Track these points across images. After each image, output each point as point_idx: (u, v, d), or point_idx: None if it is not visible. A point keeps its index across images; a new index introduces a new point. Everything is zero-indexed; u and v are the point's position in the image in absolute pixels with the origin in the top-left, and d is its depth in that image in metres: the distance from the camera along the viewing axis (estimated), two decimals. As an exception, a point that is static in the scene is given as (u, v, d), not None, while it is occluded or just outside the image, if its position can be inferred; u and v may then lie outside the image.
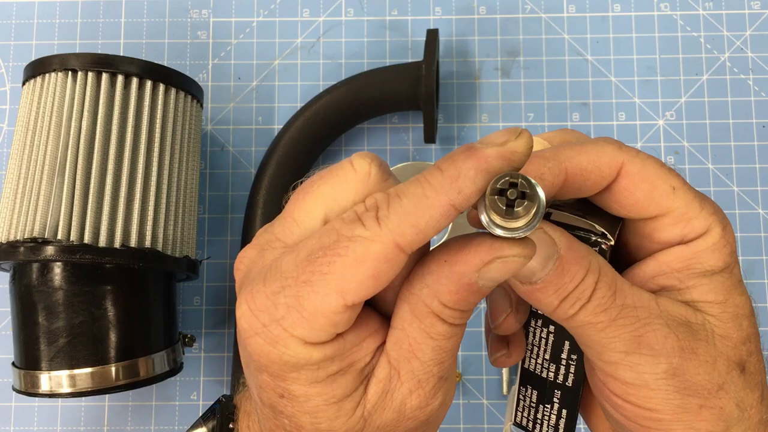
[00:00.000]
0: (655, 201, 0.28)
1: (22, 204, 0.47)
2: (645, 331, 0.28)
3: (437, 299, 0.26)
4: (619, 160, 0.28)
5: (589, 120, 0.59)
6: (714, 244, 0.29)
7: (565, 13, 0.61)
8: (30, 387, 0.46)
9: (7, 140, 0.61)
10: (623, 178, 0.28)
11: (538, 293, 0.27)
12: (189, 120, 0.52)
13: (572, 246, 0.27)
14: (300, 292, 0.25)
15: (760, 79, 0.60)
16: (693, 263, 0.29)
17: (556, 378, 0.33)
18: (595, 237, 0.29)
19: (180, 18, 0.62)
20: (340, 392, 0.26)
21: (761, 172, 0.58)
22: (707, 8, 0.61)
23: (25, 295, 0.47)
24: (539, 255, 0.27)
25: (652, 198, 0.28)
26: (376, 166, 0.27)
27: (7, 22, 0.62)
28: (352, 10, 0.62)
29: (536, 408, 0.34)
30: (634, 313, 0.28)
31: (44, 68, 0.48)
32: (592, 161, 0.28)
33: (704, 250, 0.29)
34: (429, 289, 0.26)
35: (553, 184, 0.28)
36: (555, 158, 0.28)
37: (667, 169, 0.29)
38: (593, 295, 0.27)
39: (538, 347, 0.33)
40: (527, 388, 0.34)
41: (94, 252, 0.45)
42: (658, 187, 0.28)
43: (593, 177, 0.28)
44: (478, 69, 0.61)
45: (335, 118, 0.56)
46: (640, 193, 0.28)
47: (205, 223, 0.59)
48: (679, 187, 0.29)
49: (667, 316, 0.28)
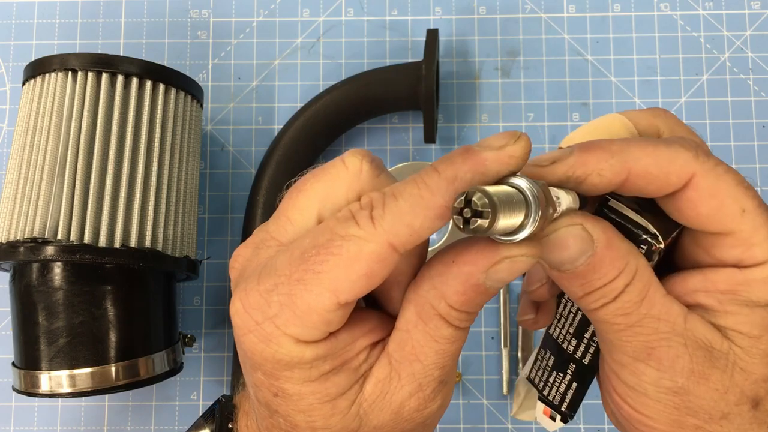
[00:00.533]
0: (720, 220, 0.27)
1: (22, 204, 0.47)
2: (659, 344, 0.27)
3: (444, 301, 0.26)
4: (691, 170, 0.27)
5: (589, 120, 0.59)
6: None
7: (565, 13, 0.61)
8: (30, 387, 0.46)
9: (7, 140, 0.61)
10: (691, 190, 0.27)
11: (564, 280, 0.27)
12: (189, 120, 0.52)
13: (612, 245, 0.27)
14: (293, 290, 0.25)
15: (760, 79, 0.60)
16: (740, 290, 0.28)
17: (575, 353, 0.33)
18: (645, 236, 0.28)
19: (180, 18, 0.62)
20: (334, 391, 0.26)
21: (761, 172, 0.58)
22: (707, 8, 0.61)
23: (25, 295, 0.47)
24: (573, 247, 0.26)
25: (717, 216, 0.27)
26: (367, 163, 0.27)
27: (7, 22, 0.62)
28: (352, 10, 0.62)
29: (550, 372, 0.34)
30: (655, 325, 0.27)
31: (44, 68, 0.48)
32: (660, 167, 0.27)
33: (757, 280, 0.27)
34: (436, 291, 0.26)
35: (611, 182, 0.27)
36: (620, 154, 0.27)
37: (743, 189, 0.27)
38: (619, 297, 0.27)
39: (565, 319, 0.33)
40: (546, 351, 0.34)
41: (94, 252, 0.45)
42: (726, 206, 0.27)
43: (658, 182, 0.27)
44: (478, 69, 0.61)
45: (335, 118, 0.56)
46: (705, 209, 0.27)
47: (205, 223, 0.59)
48: (750, 210, 0.27)
49: (689, 336, 0.27)
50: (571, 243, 0.26)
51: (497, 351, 0.57)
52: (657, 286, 0.28)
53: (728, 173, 0.27)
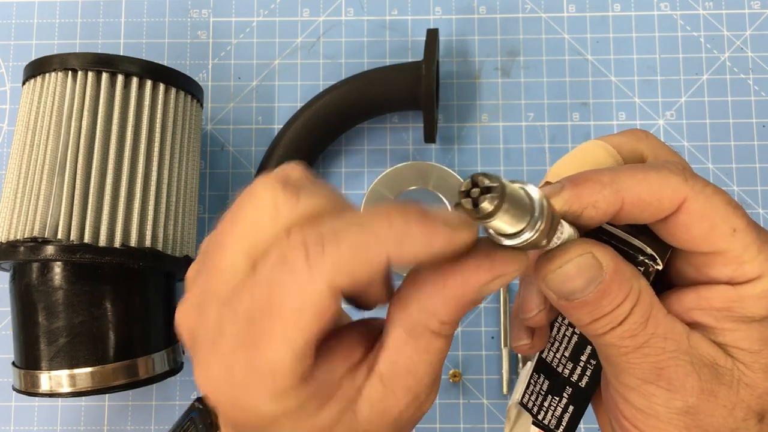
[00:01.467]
0: (712, 241, 0.27)
1: (22, 204, 0.47)
2: (668, 364, 0.27)
3: (436, 318, 0.26)
4: (682, 194, 0.27)
5: (589, 120, 0.59)
6: (762, 291, 0.28)
7: (565, 13, 0.61)
8: (30, 387, 0.46)
9: (7, 140, 0.61)
10: (683, 214, 0.27)
11: (571, 309, 0.27)
12: (189, 120, 0.52)
13: (619, 270, 0.27)
14: (250, 355, 0.24)
15: (760, 78, 0.60)
16: (735, 306, 0.28)
17: (571, 376, 0.33)
18: (643, 257, 0.28)
19: (180, 18, 0.62)
20: (328, 423, 0.26)
21: (761, 172, 0.58)
22: (707, 8, 0.61)
23: (25, 295, 0.47)
24: (583, 276, 0.26)
25: (709, 237, 0.27)
26: (281, 192, 0.25)
27: (7, 22, 0.62)
28: (352, 9, 0.62)
29: (545, 397, 0.34)
30: (662, 344, 0.27)
31: (44, 68, 0.48)
32: (653, 193, 0.27)
33: (750, 297, 0.28)
34: (428, 312, 0.26)
35: (606, 212, 0.27)
36: (613, 185, 0.27)
37: (732, 208, 0.28)
38: (626, 320, 0.27)
39: (560, 343, 0.33)
40: (540, 375, 0.34)
41: (94, 252, 0.45)
42: (717, 227, 0.27)
43: (651, 209, 0.27)
44: (478, 69, 0.61)
45: (335, 118, 0.56)
46: (697, 231, 0.27)
47: (205, 223, 0.59)
48: (740, 229, 0.27)
49: (695, 354, 0.28)
50: (585, 273, 0.26)
51: (497, 351, 0.57)
52: (659, 306, 0.28)
53: (717, 194, 0.28)
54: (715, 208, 0.27)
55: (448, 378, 0.56)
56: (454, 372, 0.55)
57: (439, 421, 0.56)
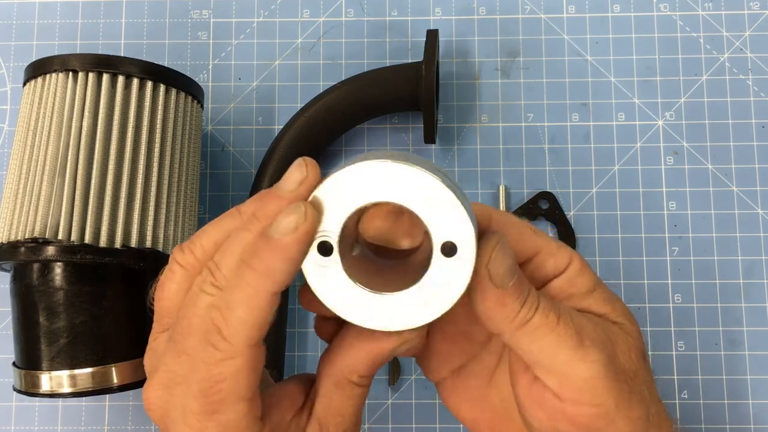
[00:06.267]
0: (526, 243, 0.34)
1: (22, 204, 0.47)
2: (582, 325, 0.31)
3: (356, 373, 0.32)
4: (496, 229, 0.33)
5: (589, 120, 0.60)
6: (579, 269, 0.34)
7: (565, 14, 0.61)
8: (30, 387, 0.46)
9: (7, 141, 0.61)
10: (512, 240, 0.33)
11: (507, 298, 0.30)
12: (189, 120, 0.52)
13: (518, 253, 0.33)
14: (213, 420, 0.30)
15: (760, 79, 0.60)
16: (574, 290, 0.34)
17: None
18: None
19: (180, 18, 0.62)
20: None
21: (761, 172, 0.58)
22: (706, 9, 0.61)
23: (26, 295, 0.47)
24: (504, 265, 0.30)
25: (523, 241, 0.33)
26: (171, 283, 0.33)
27: (7, 23, 0.62)
28: (353, 10, 0.62)
29: None
30: (569, 312, 0.32)
31: (45, 69, 0.49)
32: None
33: (576, 276, 0.34)
34: (349, 369, 0.32)
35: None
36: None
37: (525, 225, 0.34)
38: (540, 299, 0.31)
39: None
40: None
41: (95, 252, 0.45)
42: (523, 233, 0.34)
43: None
44: (478, 69, 0.61)
45: (335, 118, 0.56)
46: (518, 247, 0.33)
47: (205, 223, 0.59)
48: (539, 232, 0.34)
49: (587, 316, 0.33)
50: (505, 260, 0.30)
51: (497, 351, 0.57)
52: None
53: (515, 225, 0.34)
54: (516, 228, 0.34)
55: (448, 378, 0.56)
56: (454, 372, 0.56)
57: (438, 421, 0.56)
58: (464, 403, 0.37)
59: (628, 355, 0.33)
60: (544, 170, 0.59)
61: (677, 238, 0.57)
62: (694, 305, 0.57)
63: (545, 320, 0.30)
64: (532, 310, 0.30)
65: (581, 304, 0.34)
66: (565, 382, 0.31)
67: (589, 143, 0.59)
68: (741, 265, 0.57)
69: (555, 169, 0.59)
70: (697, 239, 0.57)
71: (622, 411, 0.31)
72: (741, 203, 0.58)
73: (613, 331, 0.33)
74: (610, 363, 0.31)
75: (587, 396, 0.31)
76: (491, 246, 0.29)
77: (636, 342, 0.34)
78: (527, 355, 0.32)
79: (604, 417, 0.31)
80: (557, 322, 0.31)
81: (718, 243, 0.57)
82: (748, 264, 0.57)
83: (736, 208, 0.58)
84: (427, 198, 0.27)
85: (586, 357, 0.31)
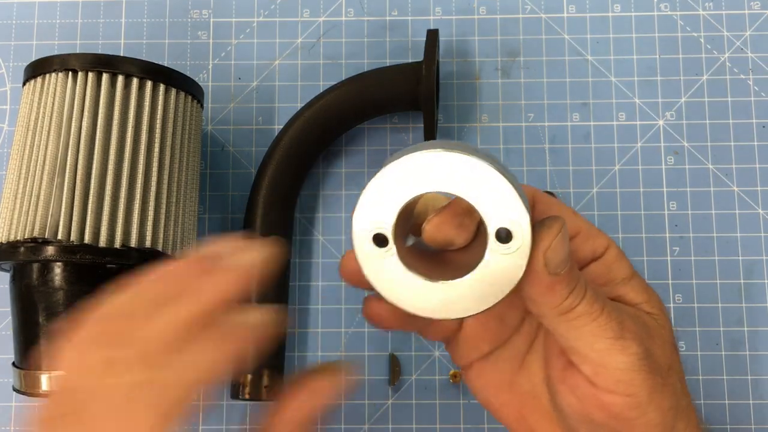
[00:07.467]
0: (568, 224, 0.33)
1: (22, 204, 0.47)
2: (623, 318, 0.31)
3: None
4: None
5: (589, 120, 0.59)
6: (616, 255, 0.34)
7: (565, 14, 0.61)
8: (30, 387, 0.46)
9: (7, 140, 0.61)
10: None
11: (558, 285, 0.30)
12: (189, 120, 0.52)
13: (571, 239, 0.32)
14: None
15: (760, 79, 0.60)
16: (611, 276, 0.34)
17: None
18: None
19: (180, 18, 0.62)
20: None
21: (761, 172, 0.58)
22: (707, 8, 0.61)
23: (26, 296, 0.47)
24: (563, 254, 0.29)
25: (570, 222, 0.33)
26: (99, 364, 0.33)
27: (7, 23, 0.62)
28: (353, 10, 0.62)
29: None
30: (612, 304, 0.32)
31: (44, 68, 0.49)
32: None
33: (614, 262, 0.34)
34: None
35: None
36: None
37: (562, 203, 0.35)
38: (587, 289, 0.31)
39: None
40: None
41: (95, 252, 0.45)
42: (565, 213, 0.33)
43: None
44: (478, 69, 0.61)
45: (335, 118, 0.56)
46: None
47: (205, 223, 0.59)
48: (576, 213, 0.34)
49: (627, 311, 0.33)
50: (562, 247, 0.30)
51: (497, 351, 0.57)
52: None
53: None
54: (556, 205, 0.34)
55: (449, 378, 0.56)
56: (454, 372, 0.56)
57: (439, 422, 0.56)
58: (492, 388, 0.37)
59: (663, 349, 0.33)
60: (545, 170, 0.59)
61: (678, 238, 0.57)
62: (694, 305, 0.56)
63: (589, 309, 0.31)
64: (579, 297, 0.30)
65: (617, 290, 0.34)
66: (602, 371, 0.31)
67: (589, 143, 0.59)
68: (742, 265, 0.57)
69: (555, 169, 0.59)
70: (697, 239, 0.57)
71: (654, 402, 0.31)
72: (742, 203, 0.58)
73: (649, 324, 0.33)
74: (647, 356, 0.31)
75: (622, 387, 0.31)
76: (553, 233, 0.29)
77: (669, 335, 0.34)
78: (565, 340, 0.32)
79: (636, 407, 0.31)
80: (601, 312, 0.31)
81: (718, 243, 0.57)
82: (749, 264, 0.57)
83: (737, 208, 0.58)
84: (479, 185, 0.27)
85: (626, 349, 0.31)
